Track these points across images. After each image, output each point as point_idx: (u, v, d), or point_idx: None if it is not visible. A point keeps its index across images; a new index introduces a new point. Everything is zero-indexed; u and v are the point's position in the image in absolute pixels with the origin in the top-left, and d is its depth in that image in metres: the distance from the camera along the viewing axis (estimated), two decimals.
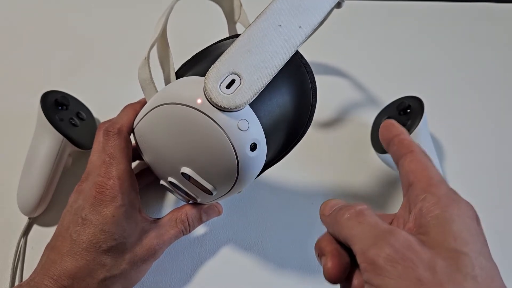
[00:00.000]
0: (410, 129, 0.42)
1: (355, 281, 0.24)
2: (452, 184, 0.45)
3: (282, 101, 0.31)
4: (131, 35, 0.57)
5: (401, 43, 0.59)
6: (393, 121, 0.29)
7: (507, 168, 0.47)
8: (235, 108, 0.27)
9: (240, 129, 0.28)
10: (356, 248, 0.22)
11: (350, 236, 0.23)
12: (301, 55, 0.32)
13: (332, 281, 0.24)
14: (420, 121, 0.42)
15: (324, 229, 0.27)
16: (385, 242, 0.21)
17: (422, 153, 0.26)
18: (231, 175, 0.30)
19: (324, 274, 0.24)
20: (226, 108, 0.27)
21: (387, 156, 0.47)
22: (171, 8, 0.33)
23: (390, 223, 0.27)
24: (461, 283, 0.19)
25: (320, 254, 0.25)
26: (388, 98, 0.48)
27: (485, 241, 0.22)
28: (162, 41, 0.34)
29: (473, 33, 0.60)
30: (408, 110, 0.44)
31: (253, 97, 0.28)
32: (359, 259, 0.22)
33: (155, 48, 0.34)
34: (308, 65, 0.32)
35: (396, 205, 0.43)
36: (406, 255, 0.20)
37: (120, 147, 0.34)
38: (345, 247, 0.25)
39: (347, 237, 0.23)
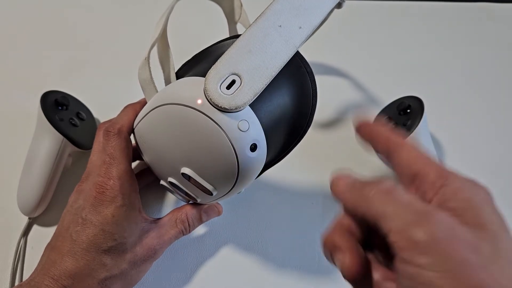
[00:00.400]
0: (410, 129, 0.42)
1: (376, 274, 0.23)
2: None
3: (283, 101, 0.31)
4: (131, 35, 0.57)
5: (401, 43, 0.59)
6: (370, 120, 0.28)
7: (507, 168, 0.47)
8: (236, 108, 0.27)
9: (240, 130, 0.28)
10: (392, 226, 0.21)
11: (382, 213, 0.21)
12: (301, 55, 0.32)
13: (353, 278, 0.23)
14: (420, 121, 0.42)
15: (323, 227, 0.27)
16: (427, 221, 0.20)
17: (413, 143, 0.26)
18: (231, 176, 0.30)
19: (342, 272, 0.23)
20: (227, 109, 0.27)
21: None
22: (172, 8, 0.33)
23: None
24: (505, 268, 0.19)
25: (332, 250, 0.24)
26: (388, 98, 0.48)
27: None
28: (163, 41, 0.34)
29: (473, 33, 0.60)
30: (408, 110, 0.44)
31: (254, 97, 0.28)
32: (395, 237, 0.20)
33: (155, 48, 0.34)
34: (309, 65, 0.32)
35: None
36: (450, 235, 0.20)
37: (120, 147, 0.34)
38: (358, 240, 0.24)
39: (378, 214, 0.22)
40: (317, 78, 0.33)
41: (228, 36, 0.39)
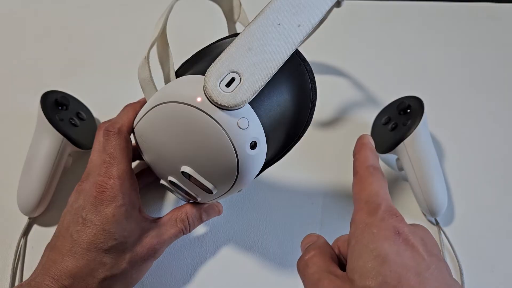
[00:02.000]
0: (410, 129, 0.42)
1: None
2: (452, 184, 0.46)
3: (282, 99, 0.31)
4: (131, 35, 0.57)
5: (401, 43, 0.59)
6: (363, 139, 0.31)
7: (507, 168, 0.47)
8: (235, 106, 0.27)
9: (240, 128, 0.28)
10: None
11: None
12: (300, 53, 0.32)
13: None
14: (420, 121, 0.42)
15: (323, 231, 0.27)
16: None
17: (367, 173, 0.28)
18: (231, 174, 0.30)
19: None
20: (226, 107, 0.27)
21: (387, 156, 0.47)
22: (171, 8, 0.33)
23: None
24: None
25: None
26: (388, 98, 0.48)
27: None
28: (162, 41, 0.34)
29: (473, 33, 0.60)
30: (408, 110, 0.44)
31: (253, 95, 0.28)
32: None
33: (155, 47, 0.34)
34: (308, 63, 0.32)
35: (395, 205, 0.43)
36: None
37: (121, 146, 0.34)
38: None
39: None
40: (318, 77, 0.33)
41: (227, 35, 0.39)
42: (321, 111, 0.50)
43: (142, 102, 0.36)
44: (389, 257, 0.23)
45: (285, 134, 0.33)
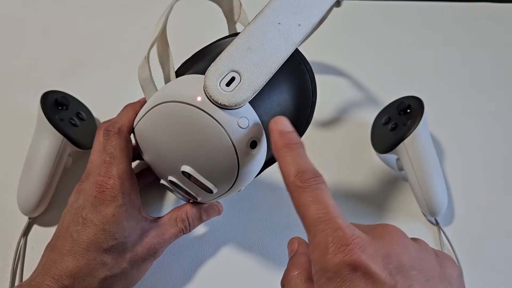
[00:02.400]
0: (410, 129, 0.42)
1: None
2: (452, 184, 0.46)
3: (282, 99, 0.31)
4: (131, 35, 0.57)
5: (401, 43, 0.59)
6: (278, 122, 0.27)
7: (507, 168, 0.47)
8: (235, 105, 0.27)
9: (240, 127, 0.28)
10: None
11: None
12: (300, 53, 0.32)
13: None
14: (420, 121, 0.42)
15: None
16: None
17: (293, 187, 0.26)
18: (231, 173, 0.30)
19: None
20: (226, 106, 0.27)
21: (387, 156, 0.47)
22: (171, 8, 0.33)
23: None
24: None
25: None
26: (388, 98, 0.48)
27: None
28: (162, 41, 0.34)
29: (473, 33, 0.60)
30: (408, 110, 0.44)
31: (253, 94, 0.28)
32: None
33: (155, 47, 0.34)
34: (308, 63, 0.32)
35: (395, 205, 0.43)
36: None
37: (121, 146, 0.34)
38: None
39: None
40: (318, 77, 0.33)
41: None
42: (321, 111, 0.50)
43: (142, 102, 0.36)
44: None
45: None
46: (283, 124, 0.27)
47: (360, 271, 0.21)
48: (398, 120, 0.44)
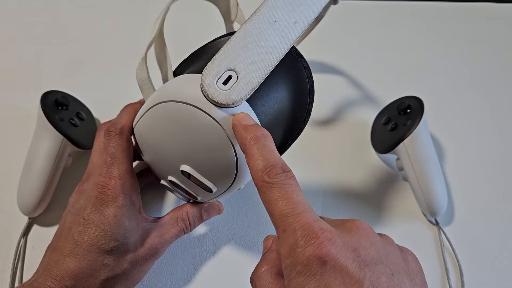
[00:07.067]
0: (410, 129, 0.42)
1: None
2: (452, 184, 0.46)
3: (279, 96, 0.31)
4: (131, 35, 0.57)
5: (401, 43, 0.59)
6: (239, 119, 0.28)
7: (507, 168, 0.47)
8: (233, 104, 0.27)
9: None
10: None
11: None
12: (297, 50, 0.32)
13: None
14: (420, 121, 0.42)
15: None
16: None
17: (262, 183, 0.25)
18: (230, 171, 0.30)
19: None
20: (224, 104, 0.27)
21: (387, 156, 0.47)
22: (167, 9, 0.33)
23: None
24: None
25: None
26: (388, 98, 0.48)
27: None
28: (159, 41, 0.34)
29: (473, 33, 0.60)
30: (408, 110, 0.44)
31: (250, 92, 0.28)
32: None
33: (152, 48, 0.34)
34: (305, 60, 0.32)
35: (395, 205, 0.43)
36: None
37: (122, 147, 0.34)
38: None
39: None
40: (318, 77, 0.33)
41: None
42: (321, 111, 0.50)
43: (142, 102, 0.36)
44: None
45: (283, 131, 0.33)
46: (245, 119, 0.27)
47: (329, 264, 0.21)
48: (398, 120, 0.44)
